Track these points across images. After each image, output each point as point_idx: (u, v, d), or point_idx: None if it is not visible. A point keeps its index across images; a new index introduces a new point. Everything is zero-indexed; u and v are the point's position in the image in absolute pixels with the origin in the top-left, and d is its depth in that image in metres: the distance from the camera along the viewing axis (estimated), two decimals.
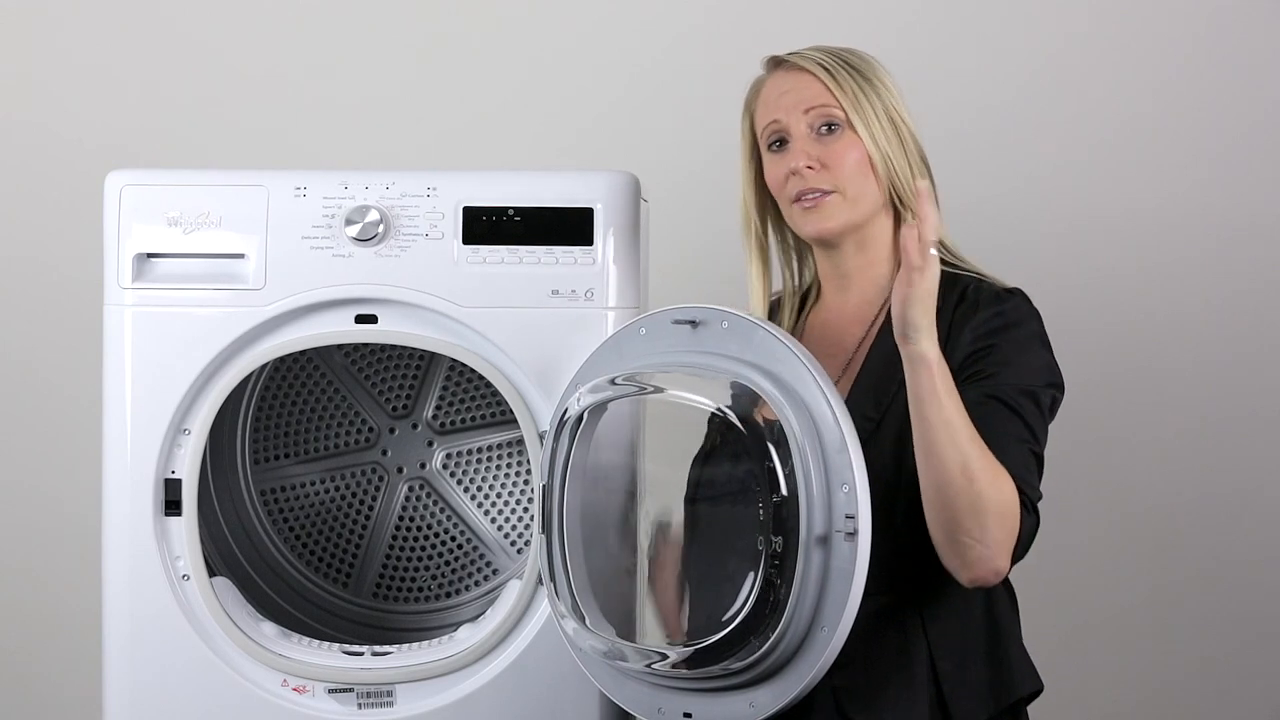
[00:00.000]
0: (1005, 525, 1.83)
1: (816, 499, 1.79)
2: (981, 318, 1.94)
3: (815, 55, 2.02)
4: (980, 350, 1.93)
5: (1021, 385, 1.91)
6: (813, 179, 1.98)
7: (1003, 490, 1.82)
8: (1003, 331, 1.94)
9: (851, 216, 1.99)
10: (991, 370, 1.91)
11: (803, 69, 2.02)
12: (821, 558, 1.79)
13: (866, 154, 1.98)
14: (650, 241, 2.31)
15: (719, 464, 1.97)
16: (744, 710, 1.88)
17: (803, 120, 2.00)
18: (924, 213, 1.78)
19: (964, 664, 1.94)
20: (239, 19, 3.09)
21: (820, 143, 1.99)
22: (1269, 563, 2.96)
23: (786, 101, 2.01)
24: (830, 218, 1.99)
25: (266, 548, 2.52)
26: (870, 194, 2.00)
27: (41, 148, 3.09)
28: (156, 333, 2.19)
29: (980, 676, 1.94)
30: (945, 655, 1.93)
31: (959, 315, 1.96)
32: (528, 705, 2.18)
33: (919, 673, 1.92)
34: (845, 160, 1.98)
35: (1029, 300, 1.99)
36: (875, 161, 1.98)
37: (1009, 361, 1.92)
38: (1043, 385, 1.93)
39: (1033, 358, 1.94)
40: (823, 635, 1.81)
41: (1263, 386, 2.96)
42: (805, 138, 2.00)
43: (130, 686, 2.21)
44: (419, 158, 3.03)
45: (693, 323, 1.95)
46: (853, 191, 1.98)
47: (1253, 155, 2.95)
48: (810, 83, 2.01)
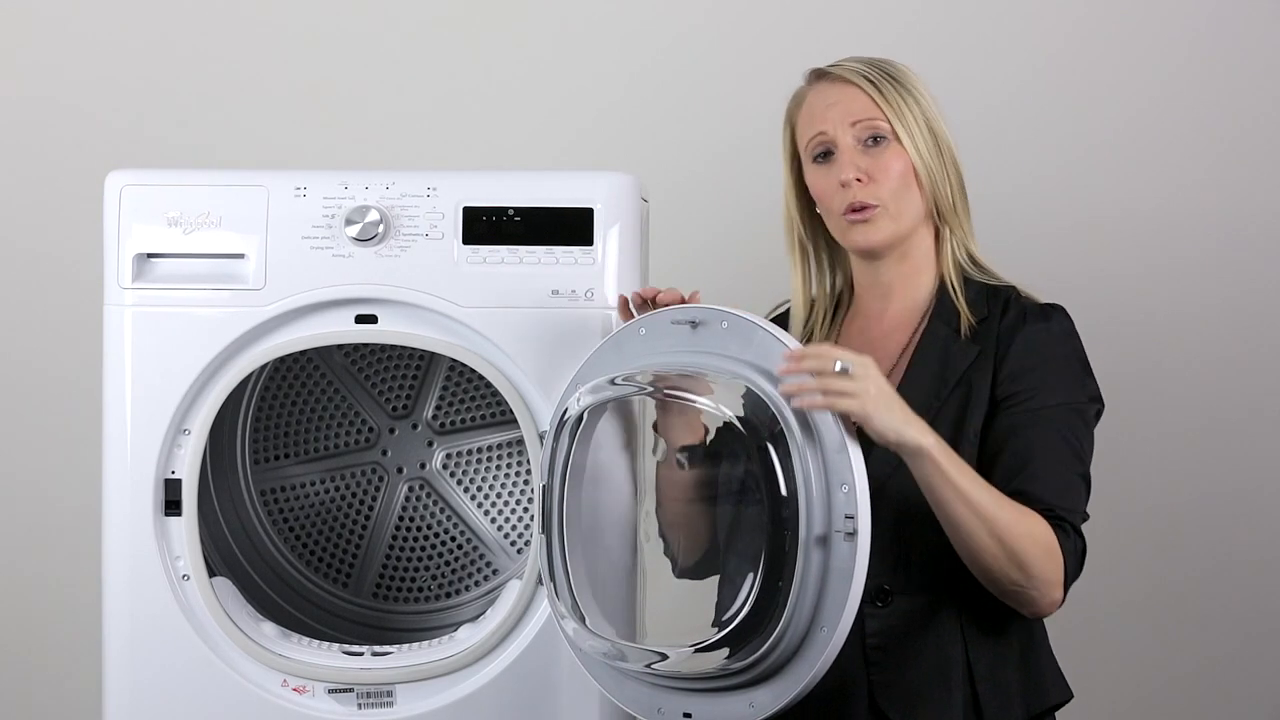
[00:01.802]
0: (1048, 564, 1.88)
1: (816, 499, 1.80)
2: (1030, 331, 1.97)
3: (857, 66, 2.03)
4: (1027, 367, 1.95)
5: (1070, 403, 1.94)
6: (861, 192, 1.99)
7: (1035, 533, 1.87)
8: (1049, 347, 1.97)
9: (897, 229, 2.01)
10: (1039, 387, 1.94)
11: (847, 81, 2.02)
12: (821, 558, 1.80)
13: (911, 165, 1.99)
14: (650, 241, 2.31)
15: (717, 464, 1.97)
16: (744, 710, 1.88)
17: (849, 133, 2.00)
18: (790, 367, 1.81)
19: (998, 667, 1.95)
20: (239, 19, 3.09)
21: (867, 154, 2.00)
22: (1269, 562, 2.96)
23: (833, 114, 2.01)
24: (878, 231, 2.00)
25: (266, 548, 2.51)
26: (914, 205, 2.01)
27: (41, 148, 3.08)
28: (156, 333, 2.19)
29: (1013, 681, 1.96)
30: (980, 657, 1.94)
31: (1005, 326, 1.99)
32: (528, 705, 2.18)
33: (955, 673, 1.93)
34: (891, 172, 1.99)
35: (1070, 317, 2.01)
36: (919, 172, 2.00)
37: (1056, 380, 1.95)
38: (1087, 401, 1.96)
39: (1079, 375, 1.98)
40: (822, 635, 1.81)
41: (1263, 386, 2.95)
42: (852, 150, 2.00)
43: (130, 686, 2.21)
44: (419, 158, 3.03)
45: (692, 323, 1.95)
46: (896, 205, 2.00)
47: (1253, 155, 2.94)
48: (856, 95, 2.01)
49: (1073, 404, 1.95)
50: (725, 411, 1.87)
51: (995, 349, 1.97)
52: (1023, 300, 2.02)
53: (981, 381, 1.96)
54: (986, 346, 1.97)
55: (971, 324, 1.99)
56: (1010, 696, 1.95)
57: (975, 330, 1.99)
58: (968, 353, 1.98)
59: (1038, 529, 1.87)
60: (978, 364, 1.97)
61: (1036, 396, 1.94)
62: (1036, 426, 1.93)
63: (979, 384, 1.96)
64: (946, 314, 2.01)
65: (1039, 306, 2.01)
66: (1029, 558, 1.86)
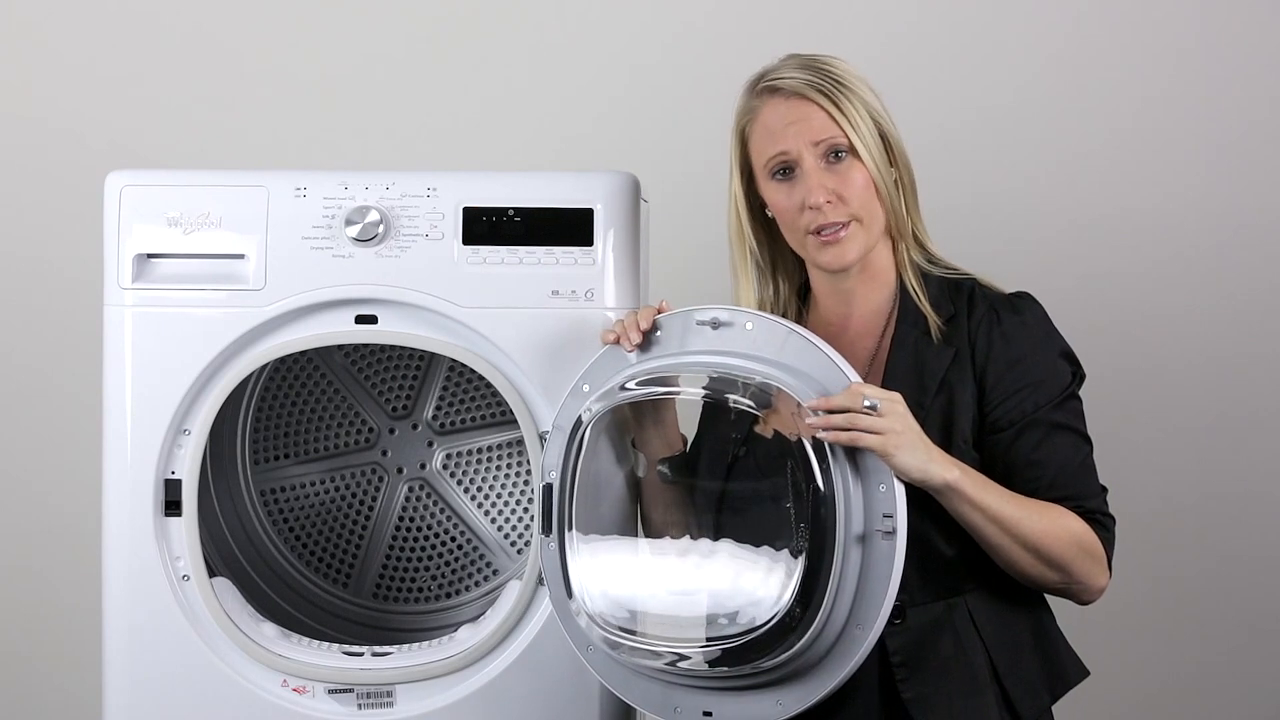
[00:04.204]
0: (1088, 562, 1.92)
1: (854, 498, 1.82)
2: (1006, 328, 1.97)
3: (808, 79, 1.99)
4: (1012, 366, 1.95)
5: (1062, 391, 1.95)
6: (832, 213, 1.97)
7: (1071, 534, 1.91)
8: (1027, 341, 1.97)
9: (868, 241, 2.00)
10: (1030, 384, 1.94)
11: (803, 97, 1.98)
12: (859, 557, 1.82)
13: (870, 177, 1.98)
14: (650, 241, 2.31)
15: (751, 464, 1.97)
16: (771, 709, 1.89)
17: (812, 152, 1.97)
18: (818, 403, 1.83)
19: (1018, 659, 1.97)
20: (239, 19, 3.09)
21: (832, 173, 1.97)
22: (1270, 562, 2.96)
23: (793, 133, 1.98)
24: (850, 249, 1.98)
25: (266, 548, 2.51)
26: (879, 216, 2.00)
27: (41, 148, 3.09)
28: (156, 333, 2.19)
29: (1034, 669, 1.97)
30: (1001, 653, 1.95)
31: (975, 323, 1.98)
32: (528, 706, 2.18)
33: (981, 673, 1.94)
34: (856, 186, 1.97)
35: (1038, 302, 2.01)
36: (876, 184, 1.98)
37: (1043, 371, 1.96)
38: (1072, 379, 1.98)
39: (1059, 358, 1.98)
40: (857, 634, 1.83)
41: (1263, 386, 2.95)
42: (817, 170, 1.97)
43: (130, 686, 2.21)
44: (419, 158, 3.03)
45: (714, 323, 1.95)
46: (867, 217, 1.99)
47: (1252, 155, 2.95)
48: (813, 112, 1.98)
49: (1064, 391, 1.96)
50: (757, 411, 1.88)
51: (970, 349, 1.96)
52: (988, 293, 2.01)
53: (961, 384, 1.95)
54: (961, 347, 1.97)
55: (940, 325, 1.98)
56: (1035, 684, 1.97)
57: (944, 331, 1.98)
58: (942, 355, 1.97)
59: (1074, 527, 1.90)
60: (954, 366, 1.96)
61: (1031, 397, 1.94)
62: (1040, 428, 1.93)
63: (960, 387, 1.95)
64: (912, 317, 2.00)
65: (1005, 298, 2.00)
66: (1067, 559, 1.90)
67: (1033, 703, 1.96)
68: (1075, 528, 1.91)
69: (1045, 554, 1.89)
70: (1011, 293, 2.02)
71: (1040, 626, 2.00)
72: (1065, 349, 1.99)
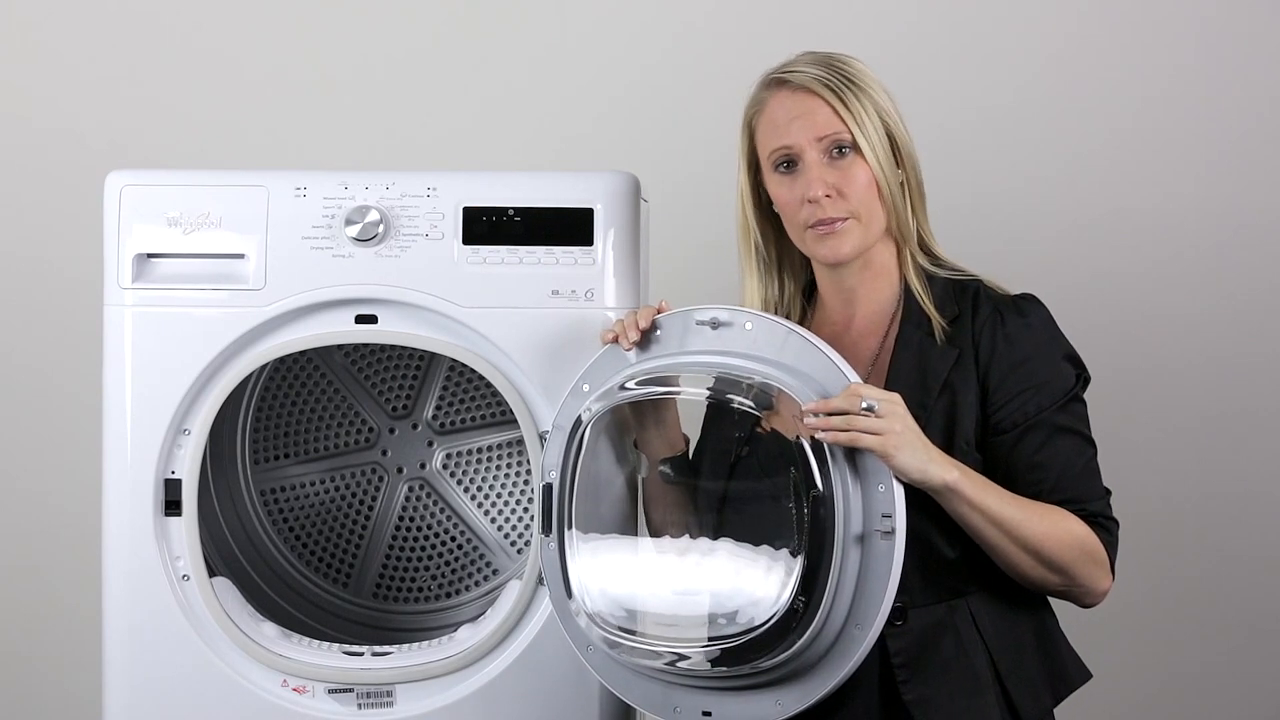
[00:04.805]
0: (1090, 561, 1.92)
1: (853, 498, 1.82)
2: (1010, 330, 1.97)
3: (817, 73, 1.99)
4: (1016, 369, 1.95)
5: (1066, 394, 1.95)
6: (831, 208, 1.97)
7: (1073, 537, 1.90)
8: (1032, 344, 1.96)
9: (865, 239, 1.99)
10: (1035, 387, 1.94)
11: (809, 90, 1.98)
12: (858, 557, 1.82)
13: (873, 176, 1.98)
14: (650, 241, 2.31)
15: (754, 463, 1.97)
16: (770, 709, 1.89)
17: (815, 147, 1.98)
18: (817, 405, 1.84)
19: (1020, 660, 1.97)
20: (239, 19, 3.09)
21: (834, 168, 1.97)
22: (1270, 562, 2.96)
23: (797, 127, 1.98)
24: (846, 243, 1.98)
25: (266, 548, 2.51)
26: (879, 215, 2.00)
27: (41, 148, 3.09)
28: (156, 333, 2.19)
29: (1036, 670, 1.97)
30: (1002, 654, 1.95)
31: (980, 324, 1.97)
32: (528, 706, 2.18)
33: (983, 675, 1.94)
34: (858, 183, 1.97)
35: (1042, 304, 2.01)
36: (879, 184, 1.98)
37: (1048, 373, 1.95)
38: (1076, 382, 1.97)
39: (1063, 360, 1.98)
40: (856, 634, 1.83)
41: (1263, 386, 2.96)
42: (819, 164, 1.97)
43: (130, 686, 2.21)
44: (419, 158, 3.03)
45: (714, 323, 1.96)
46: (866, 215, 1.98)
47: (1252, 155, 2.95)
48: (819, 106, 1.98)
49: (1068, 393, 1.95)
50: (757, 411, 1.88)
51: (974, 350, 1.96)
52: (992, 294, 2.01)
53: (965, 386, 1.95)
54: (964, 348, 1.96)
55: (944, 326, 1.98)
56: (1037, 685, 1.97)
57: (948, 332, 1.98)
58: (946, 356, 1.97)
59: (1076, 530, 1.90)
60: (958, 367, 1.96)
61: (1034, 399, 1.94)
62: (1043, 431, 1.93)
63: (963, 389, 1.95)
64: (916, 317, 2.00)
65: (1010, 300, 2.00)
66: (1068, 562, 1.90)
67: (1035, 704, 1.96)
68: (1077, 530, 1.90)
69: (1046, 556, 1.89)
70: (1016, 294, 2.01)
71: (1043, 628, 2.00)
72: (1070, 351, 1.99)
